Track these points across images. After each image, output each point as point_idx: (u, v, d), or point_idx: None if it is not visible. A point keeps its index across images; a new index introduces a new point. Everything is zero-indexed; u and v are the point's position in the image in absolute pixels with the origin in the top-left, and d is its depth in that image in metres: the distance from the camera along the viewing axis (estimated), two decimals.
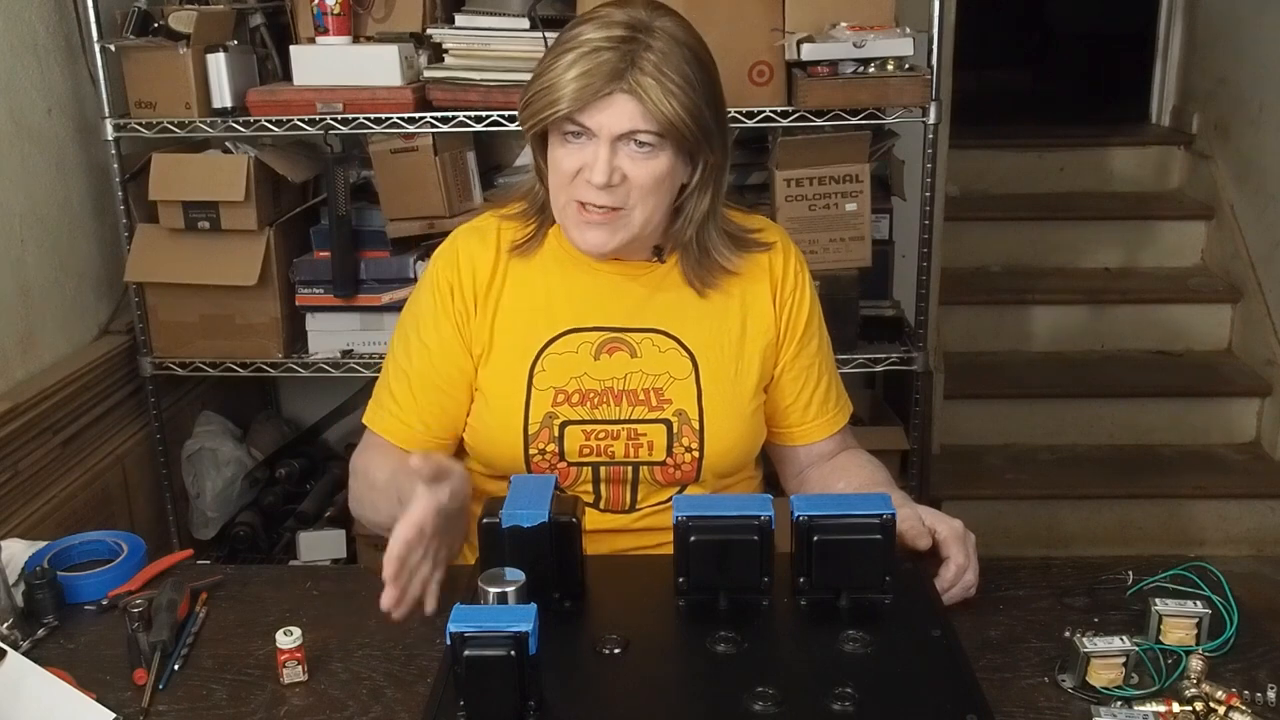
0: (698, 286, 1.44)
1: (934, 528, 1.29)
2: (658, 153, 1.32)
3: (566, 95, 1.28)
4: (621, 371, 1.42)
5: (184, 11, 2.28)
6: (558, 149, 1.34)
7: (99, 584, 1.32)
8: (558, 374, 1.41)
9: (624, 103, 1.28)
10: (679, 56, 1.30)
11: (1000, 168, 4.07)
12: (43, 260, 2.31)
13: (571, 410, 1.40)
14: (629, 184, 1.32)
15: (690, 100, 1.29)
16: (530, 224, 1.45)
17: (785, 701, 1.00)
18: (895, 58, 2.17)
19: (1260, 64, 3.52)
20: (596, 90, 1.27)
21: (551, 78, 1.30)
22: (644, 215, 1.35)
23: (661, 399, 1.41)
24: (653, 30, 1.30)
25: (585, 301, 1.43)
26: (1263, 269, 3.47)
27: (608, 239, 1.35)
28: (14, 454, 2.10)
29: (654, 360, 1.42)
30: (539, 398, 1.40)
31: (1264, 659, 1.16)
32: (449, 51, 2.30)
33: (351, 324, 2.48)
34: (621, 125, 1.29)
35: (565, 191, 1.35)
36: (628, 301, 1.44)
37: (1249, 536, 3.24)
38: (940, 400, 3.33)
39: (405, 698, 1.12)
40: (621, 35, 1.28)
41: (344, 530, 2.61)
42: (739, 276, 1.45)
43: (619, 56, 1.27)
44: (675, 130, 1.30)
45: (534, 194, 1.45)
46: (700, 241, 1.42)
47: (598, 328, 1.43)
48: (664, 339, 1.43)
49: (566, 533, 1.18)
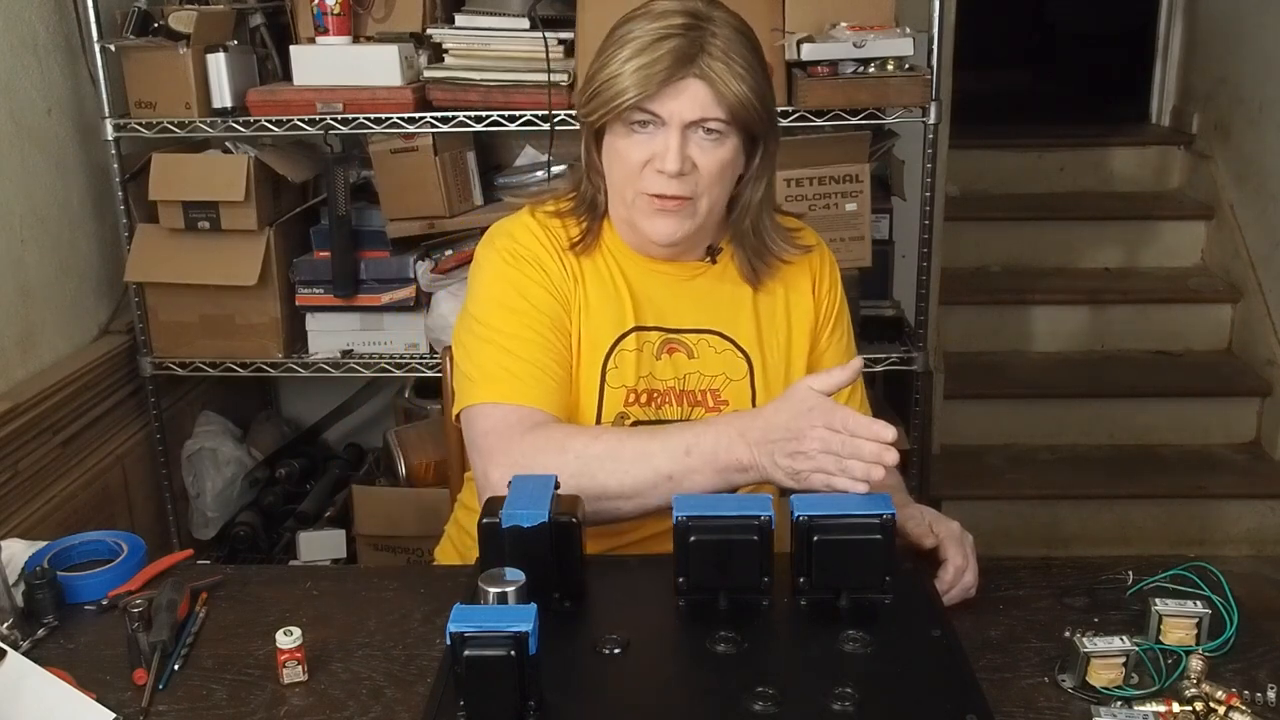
0: (753, 280, 1.44)
1: (931, 529, 1.29)
2: (725, 140, 1.32)
3: (634, 83, 1.28)
4: (680, 372, 1.42)
5: (184, 11, 2.28)
6: (621, 140, 1.33)
7: (99, 584, 1.32)
8: (628, 372, 1.41)
9: (696, 88, 1.28)
10: (741, 43, 1.31)
11: (1000, 168, 4.07)
12: (43, 260, 2.31)
13: (640, 410, 1.40)
14: (699, 172, 1.32)
15: (756, 84, 1.30)
16: (582, 222, 1.43)
17: (785, 701, 1.00)
18: (895, 58, 2.17)
19: (1260, 64, 3.52)
20: (669, 76, 1.27)
21: (614, 69, 1.29)
22: (709, 204, 1.35)
23: (718, 400, 1.42)
24: (713, 18, 1.31)
25: (645, 301, 1.43)
26: (1263, 269, 3.47)
27: (677, 228, 1.35)
28: (14, 454, 2.10)
29: (711, 361, 1.43)
30: (612, 395, 1.40)
31: (1264, 659, 1.16)
32: (449, 51, 2.30)
33: (351, 324, 2.48)
34: (694, 112, 1.29)
35: (633, 185, 1.34)
36: (684, 302, 1.44)
37: (1249, 536, 3.24)
38: (940, 400, 3.33)
39: (405, 698, 1.12)
40: (685, 23, 1.29)
41: (344, 530, 2.61)
42: (785, 273, 1.46)
43: (687, 43, 1.28)
44: (745, 114, 1.30)
45: (582, 192, 1.43)
46: (757, 230, 1.42)
47: (658, 327, 1.43)
48: (720, 340, 1.43)
49: (566, 533, 1.18)
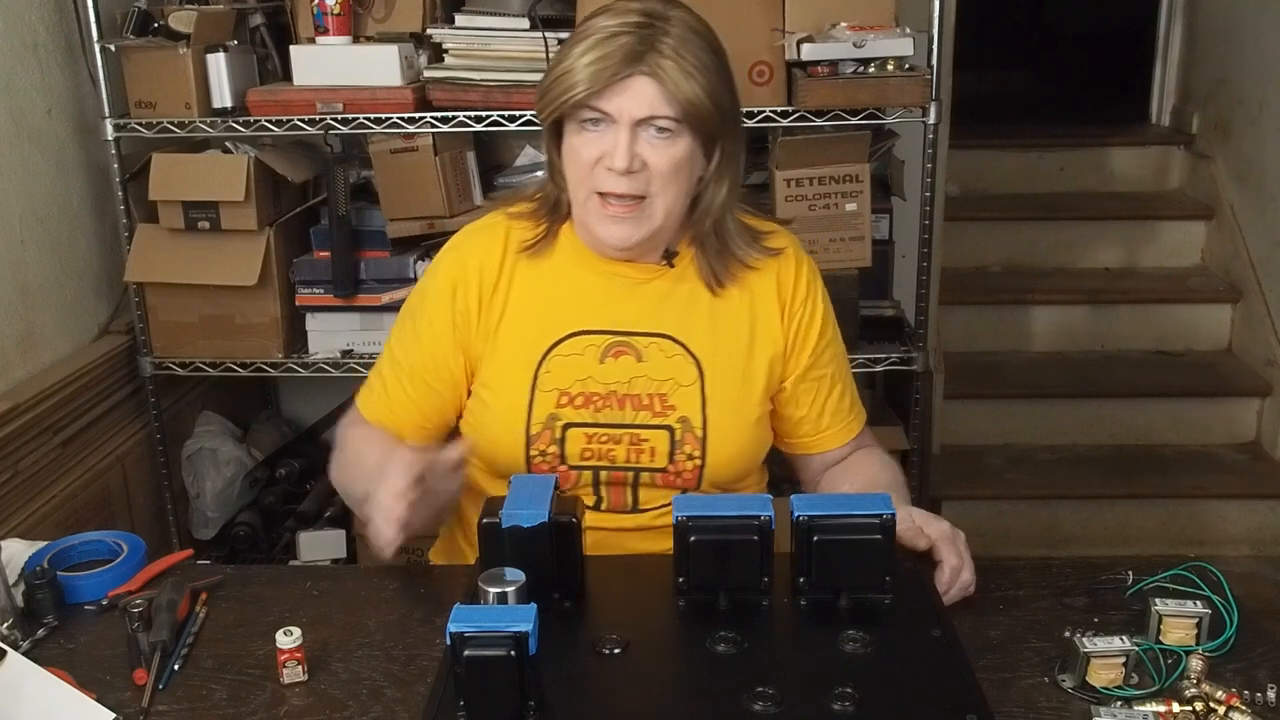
0: (713, 284, 1.43)
1: (923, 531, 1.28)
2: (676, 138, 1.32)
3: (584, 79, 1.28)
4: (626, 376, 1.41)
5: (184, 11, 2.28)
6: (575, 138, 1.34)
7: (99, 584, 1.32)
8: (563, 376, 1.40)
9: (643, 85, 1.29)
10: (695, 43, 1.31)
11: (1000, 168, 4.07)
12: (43, 260, 2.30)
13: (574, 413, 1.40)
14: (649, 171, 1.32)
15: (708, 83, 1.30)
16: (541, 224, 1.44)
17: (785, 701, 1.00)
18: (895, 58, 2.17)
19: (1260, 64, 3.52)
20: (615, 73, 1.28)
21: (567, 64, 1.30)
22: (665, 205, 1.35)
23: (665, 405, 1.40)
24: (668, 18, 1.31)
25: (593, 303, 1.43)
26: (1263, 269, 3.47)
27: (631, 232, 1.35)
28: (14, 454, 2.10)
29: (660, 365, 1.41)
30: (542, 399, 1.40)
31: (1264, 659, 1.16)
32: (449, 51, 2.30)
33: (351, 324, 2.48)
34: (641, 109, 1.29)
35: (585, 184, 1.34)
36: (636, 305, 1.43)
37: (1249, 536, 3.24)
38: (940, 400, 3.33)
39: (405, 698, 1.12)
40: (638, 21, 1.29)
41: (344, 530, 2.61)
42: (750, 279, 1.44)
43: (637, 40, 1.28)
44: (695, 113, 1.30)
45: (546, 193, 1.44)
46: (719, 232, 1.41)
47: (605, 330, 1.42)
48: (671, 344, 1.42)
49: (566, 533, 1.18)
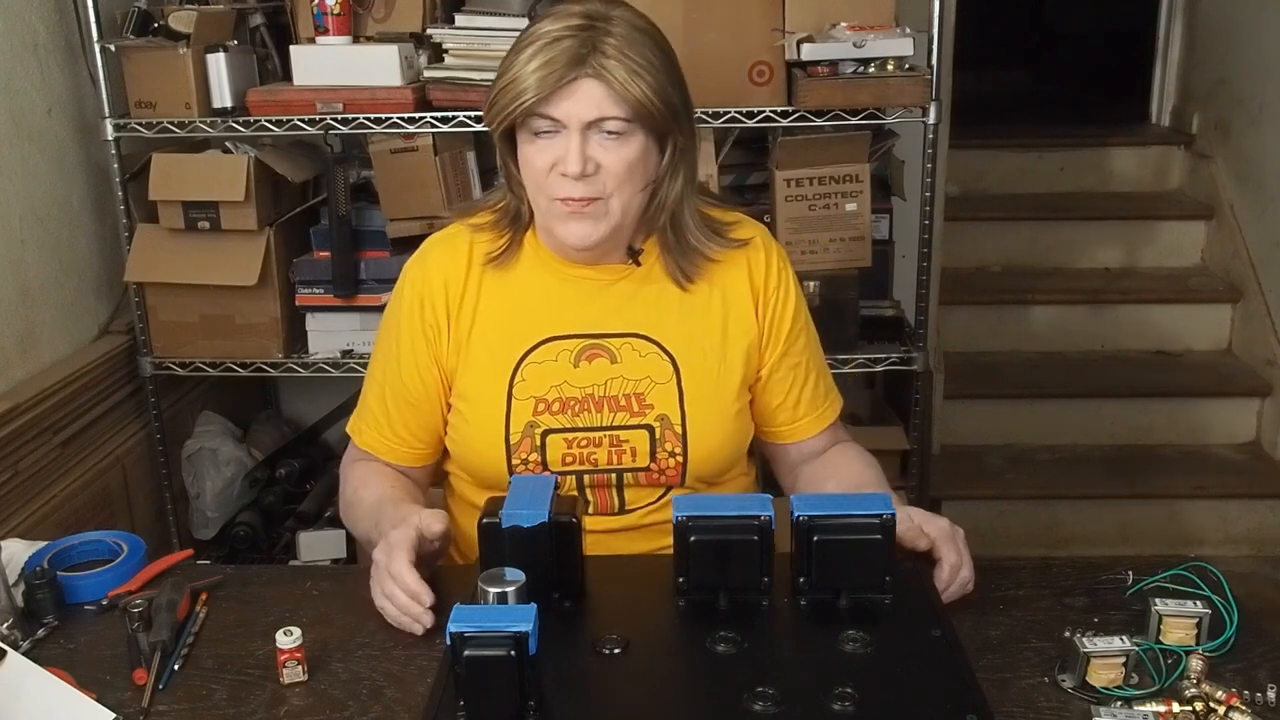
0: (680, 280, 1.43)
1: (922, 530, 1.28)
2: (628, 138, 1.31)
3: (530, 86, 1.28)
4: (602, 378, 1.41)
5: (184, 11, 2.28)
6: (528, 147, 1.33)
7: (99, 584, 1.32)
8: (538, 383, 1.40)
9: (590, 88, 1.28)
10: (639, 41, 1.30)
11: (1000, 168, 4.07)
12: (43, 260, 2.30)
13: (552, 419, 1.40)
14: (604, 172, 1.32)
15: (656, 81, 1.30)
16: (504, 235, 1.44)
17: (785, 701, 1.00)
18: (895, 58, 2.17)
19: (1260, 64, 3.52)
20: (560, 77, 1.27)
21: (513, 73, 1.30)
22: (622, 203, 1.35)
23: (643, 404, 1.40)
24: (610, 18, 1.30)
25: (563, 308, 1.42)
26: (1263, 269, 3.47)
27: (591, 230, 1.35)
28: (14, 454, 2.09)
29: (634, 365, 1.41)
30: (519, 407, 1.40)
31: (1264, 659, 1.16)
32: (449, 51, 2.30)
33: (351, 324, 2.48)
34: (589, 112, 1.29)
35: (543, 191, 1.34)
36: (606, 306, 1.43)
37: (1249, 536, 3.24)
38: (940, 400, 3.33)
39: (405, 698, 1.12)
40: (580, 24, 1.29)
41: (344, 530, 2.60)
42: (719, 271, 1.44)
43: (579, 43, 1.28)
44: (644, 111, 1.30)
45: (506, 204, 1.44)
46: (677, 227, 1.41)
47: (576, 335, 1.42)
48: (644, 343, 1.42)
49: (566, 533, 1.18)
